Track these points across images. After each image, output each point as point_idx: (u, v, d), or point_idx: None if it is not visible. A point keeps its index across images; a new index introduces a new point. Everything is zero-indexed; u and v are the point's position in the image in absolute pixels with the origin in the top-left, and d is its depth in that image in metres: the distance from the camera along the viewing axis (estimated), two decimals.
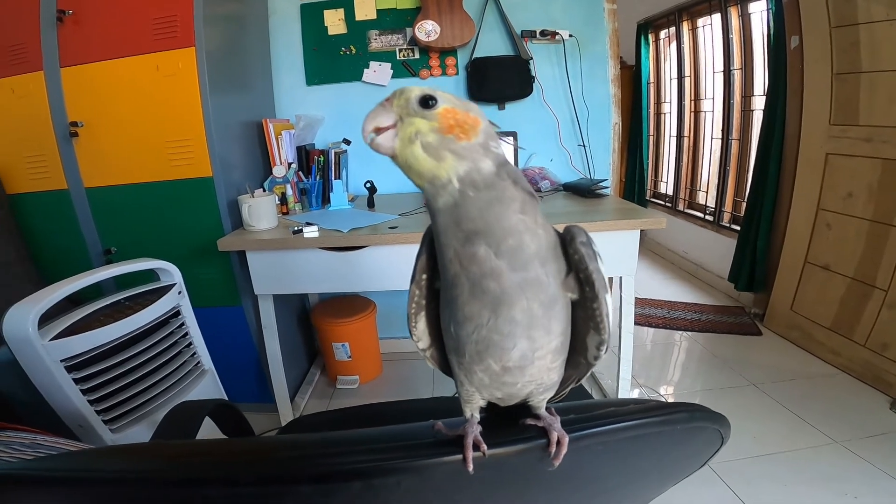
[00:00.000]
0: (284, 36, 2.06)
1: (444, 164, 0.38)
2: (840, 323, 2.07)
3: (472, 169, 0.38)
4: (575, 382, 0.52)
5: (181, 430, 0.78)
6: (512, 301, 0.40)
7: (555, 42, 2.03)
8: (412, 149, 0.39)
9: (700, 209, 3.35)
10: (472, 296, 0.41)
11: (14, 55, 1.55)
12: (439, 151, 0.38)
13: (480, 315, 0.41)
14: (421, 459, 0.39)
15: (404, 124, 0.39)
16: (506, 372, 0.43)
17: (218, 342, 1.49)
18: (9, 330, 0.98)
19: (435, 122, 0.39)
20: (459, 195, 0.39)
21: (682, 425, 0.45)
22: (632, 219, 1.48)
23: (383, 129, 0.39)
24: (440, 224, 0.40)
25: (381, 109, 0.40)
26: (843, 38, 1.95)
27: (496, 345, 0.42)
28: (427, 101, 0.39)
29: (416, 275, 0.48)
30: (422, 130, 0.39)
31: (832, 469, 1.49)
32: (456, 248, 0.40)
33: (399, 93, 0.40)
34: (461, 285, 0.41)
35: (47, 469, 0.40)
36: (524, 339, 0.42)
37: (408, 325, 0.50)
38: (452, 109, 0.39)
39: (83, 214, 1.65)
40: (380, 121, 0.39)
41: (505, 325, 0.41)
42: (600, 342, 0.46)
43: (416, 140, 0.38)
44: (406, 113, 0.39)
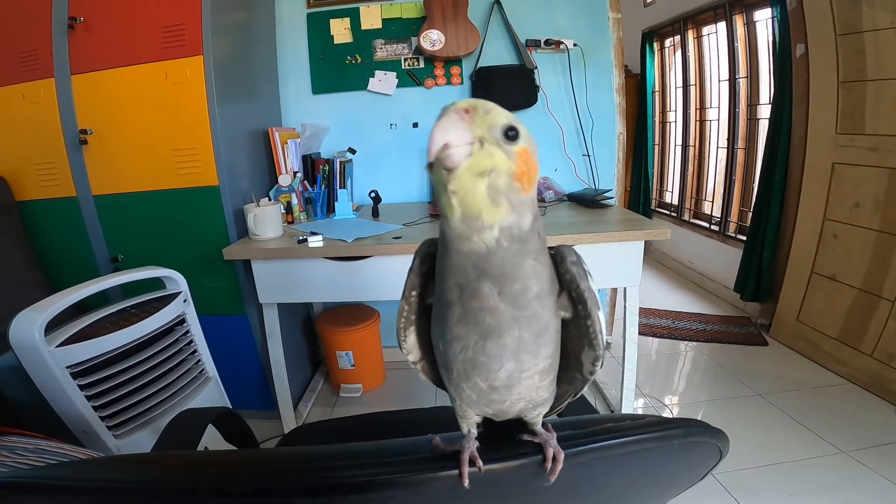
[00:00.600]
0: (291, 44, 2.08)
1: (498, 211, 0.35)
2: (847, 333, 2.05)
3: (515, 223, 0.36)
4: (572, 397, 0.52)
5: (184, 437, 0.79)
6: (502, 332, 0.40)
7: (559, 51, 2.04)
8: (477, 183, 0.34)
9: (706, 219, 3.33)
10: (464, 322, 0.40)
11: (25, 62, 1.57)
12: (499, 198, 0.35)
13: (468, 338, 0.40)
14: (417, 474, 0.39)
15: (483, 152, 0.34)
16: (493, 390, 0.43)
17: (222, 350, 1.50)
18: (15, 336, 0.99)
19: (512, 163, 0.35)
20: (494, 244, 0.36)
21: (679, 440, 0.45)
22: (636, 230, 1.48)
23: (458, 146, 0.33)
24: (452, 259, 0.38)
25: (457, 121, 0.34)
26: (848, 46, 1.95)
27: (482, 365, 0.41)
28: (509, 132, 0.35)
29: (406, 291, 0.48)
30: (498, 170, 0.34)
31: (839, 480, 1.48)
32: (459, 281, 0.39)
33: (483, 109, 0.35)
34: (453, 310, 0.40)
35: (49, 477, 0.40)
36: (511, 362, 0.41)
37: (397, 338, 0.50)
38: (527, 151, 0.35)
39: (91, 222, 1.67)
40: (455, 139, 0.33)
41: (493, 349, 0.40)
42: (595, 357, 0.46)
43: (487, 177, 0.34)
44: (489, 138, 0.34)
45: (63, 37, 1.54)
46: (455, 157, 0.33)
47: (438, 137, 0.33)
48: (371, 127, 2.14)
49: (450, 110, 0.34)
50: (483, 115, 0.34)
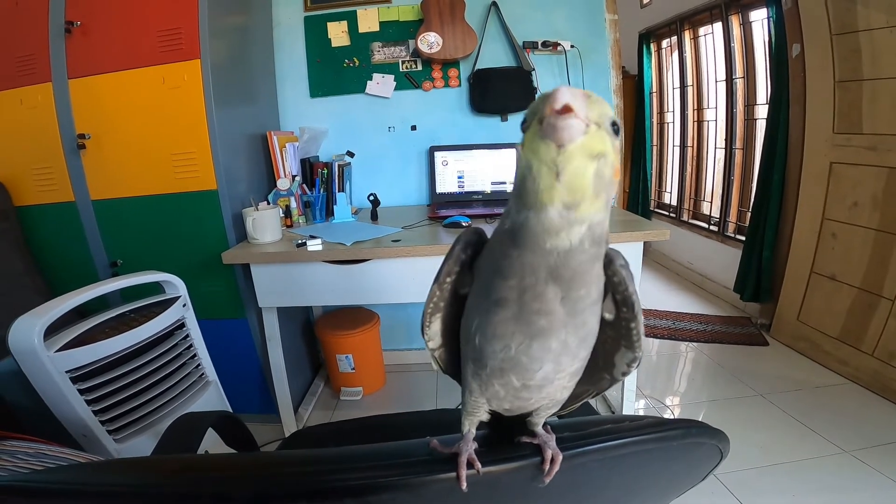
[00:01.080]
0: (288, 48, 2.08)
1: (596, 203, 0.33)
2: (847, 333, 2.05)
3: (601, 222, 0.35)
4: (590, 396, 0.52)
5: (184, 441, 0.78)
6: (551, 335, 0.39)
7: (556, 53, 2.04)
8: (588, 165, 0.32)
9: (704, 219, 3.33)
10: (514, 321, 0.39)
11: (23, 66, 1.57)
12: (601, 188, 0.33)
13: (513, 338, 0.40)
14: (415, 477, 0.39)
15: (597, 135, 0.32)
16: (525, 389, 0.43)
17: (222, 354, 1.49)
18: (15, 341, 0.99)
19: (615, 155, 0.34)
20: (577, 244, 0.34)
21: (678, 441, 0.45)
22: (635, 230, 1.48)
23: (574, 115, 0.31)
24: (523, 257, 0.36)
25: (580, 95, 0.32)
26: (843, 46, 1.95)
27: (522, 365, 0.41)
28: (616, 126, 0.34)
29: (440, 276, 0.46)
30: (608, 157, 0.33)
31: (841, 479, 1.48)
32: (525, 281, 0.37)
33: (596, 97, 0.33)
34: (506, 309, 0.39)
35: (47, 481, 0.40)
36: (551, 364, 0.41)
37: (421, 322, 0.48)
38: (618, 149, 0.35)
39: (90, 227, 1.67)
40: (578, 107, 0.31)
41: (538, 351, 0.40)
42: (633, 359, 0.45)
43: (596, 163, 0.32)
44: (601, 123, 0.33)
45: (60, 41, 1.53)
46: (573, 130, 0.31)
47: (563, 96, 0.30)
48: (369, 130, 2.14)
49: (565, 87, 0.31)
50: (597, 102, 0.33)
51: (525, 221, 0.34)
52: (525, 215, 0.34)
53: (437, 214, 1.78)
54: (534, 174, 0.32)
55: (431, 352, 0.51)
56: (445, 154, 2.04)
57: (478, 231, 0.45)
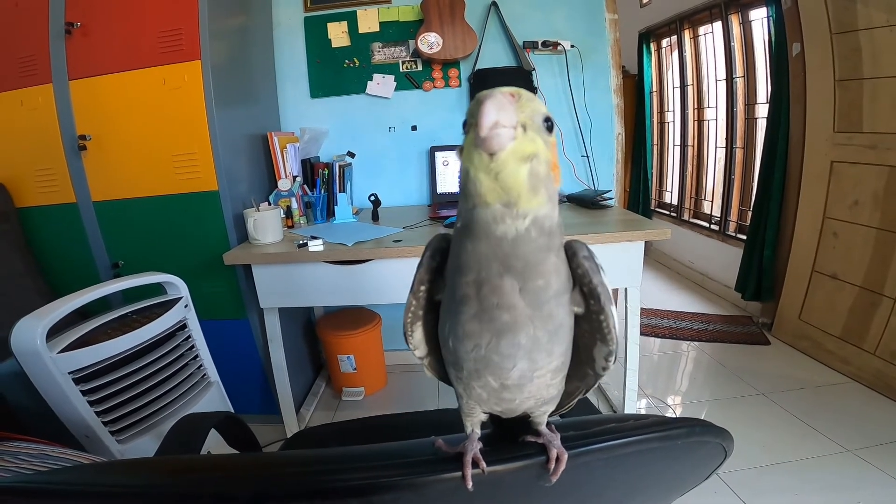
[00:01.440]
0: (289, 48, 2.08)
1: (536, 199, 0.35)
2: (849, 332, 2.05)
3: (548, 214, 0.37)
4: (582, 393, 0.52)
5: (187, 442, 0.78)
6: (518, 330, 0.39)
7: (557, 52, 2.04)
8: (520, 168, 0.34)
9: (705, 218, 3.33)
10: (478, 319, 0.40)
11: (23, 67, 1.57)
12: (539, 185, 0.35)
13: (481, 336, 0.40)
14: (420, 476, 0.39)
15: (526, 137, 0.34)
16: (504, 389, 0.43)
17: (224, 355, 1.49)
18: (17, 342, 0.99)
19: (549, 153, 0.36)
20: (524, 232, 0.36)
21: (682, 440, 0.45)
22: (636, 230, 1.48)
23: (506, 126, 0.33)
24: (477, 249, 0.37)
25: (507, 104, 0.33)
26: (843, 45, 1.95)
27: (495, 364, 0.41)
28: (549, 122, 0.36)
29: (414, 285, 0.47)
30: (540, 157, 0.35)
31: (844, 478, 1.47)
32: (480, 275, 0.38)
33: (527, 96, 0.35)
34: (468, 306, 0.40)
35: (51, 482, 0.40)
36: (525, 361, 0.41)
37: (404, 333, 0.49)
38: (554, 143, 0.36)
39: (91, 228, 1.67)
40: (504, 118, 0.33)
41: (507, 348, 0.40)
42: (608, 353, 0.45)
43: (529, 162, 0.34)
44: (531, 125, 0.35)
45: (60, 42, 1.53)
46: (502, 139, 0.33)
47: (490, 115, 0.32)
48: (370, 130, 2.14)
49: (495, 93, 0.33)
50: (527, 101, 0.35)
51: (474, 215, 0.36)
52: (473, 211, 0.36)
53: (438, 214, 1.78)
54: (472, 179, 0.35)
55: (420, 360, 0.52)
56: (446, 154, 2.04)
57: (445, 237, 0.45)
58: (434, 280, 0.47)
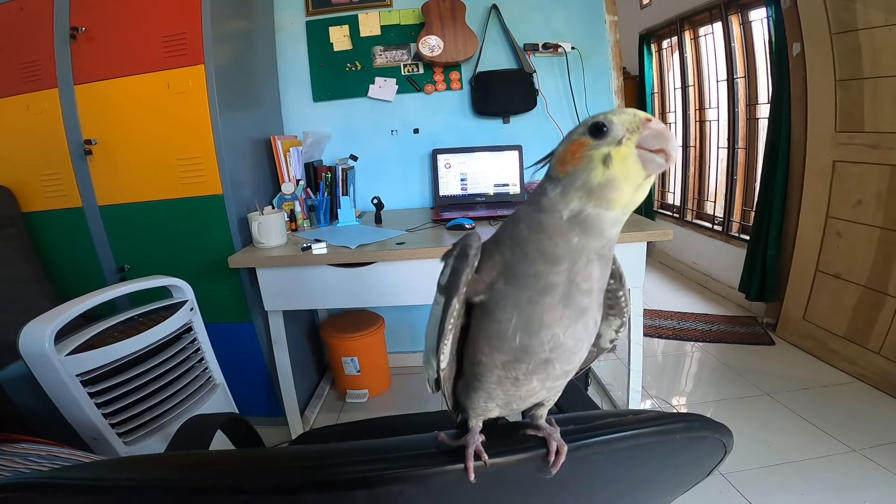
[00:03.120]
0: (291, 52, 2.10)
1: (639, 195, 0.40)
2: (854, 331, 2.04)
3: None
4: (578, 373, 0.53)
5: (194, 443, 0.79)
6: (588, 313, 0.43)
7: (557, 55, 2.05)
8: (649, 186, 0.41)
9: (708, 219, 3.33)
10: (563, 305, 0.42)
11: (29, 72, 1.58)
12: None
13: (560, 323, 0.42)
14: (423, 469, 0.40)
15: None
16: (564, 374, 0.46)
17: (229, 357, 1.51)
18: (25, 345, 1.00)
19: None
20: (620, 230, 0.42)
21: (681, 434, 0.45)
22: (638, 231, 1.48)
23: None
24: (585, 243, 0.40)
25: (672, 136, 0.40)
26: (843, 45, 1.95)
27: (569, 349, 0.44)
28: None
29: (458, 287, 0.43)
30: None
31: (850, 478, 1.47)
32: (576, 265, 0.41)
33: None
34: (553, 294, 0.41)
35: (63, 478, 0.41)
36: (586, 343, 0.45)
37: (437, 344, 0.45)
38: None
39: (97, 232, 1.68)
40: (671, 151, 0.39)
41: (581, 332, 0.44)
42: (621, 324, 0.50)
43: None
44: None
45: (65, 47, 1.55)
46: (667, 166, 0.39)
47: (673, 146, 0.38)
48: (372, 133, 2.16)
49: (658, 121, 0.39)
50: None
51: (596, 214, 0.39)
52: (593, 210, 0.39)
53: (440, 217, 1.79)
54: (619, 187, 0.39)
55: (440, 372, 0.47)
56: (448, 157, 2.05)
57: (478, 235, 0.46)
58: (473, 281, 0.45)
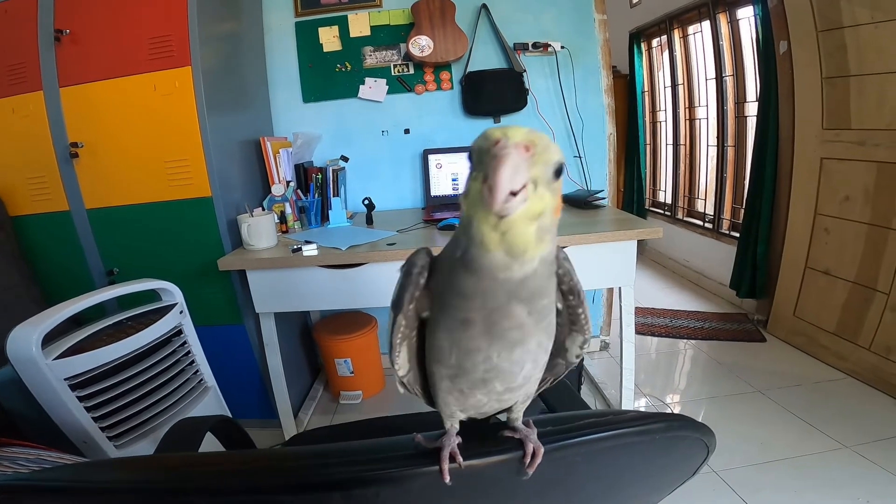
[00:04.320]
0: (280, 53, 2.09)
1: (541, 246, 0.35)
2: (844, 327, 2.06)
3: (551, 251, 0.38)
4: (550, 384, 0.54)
5: (183, 445, 0.79)
6: (526, 341, 0.42)
7: (547, 54, 2.06)
8: (528, 227, 0.34)
9: (699, 217, 3.35)
10: (486, 336, 0.40)
11: (14, 75, 1.57)
12: (545, 235, 0.35)
13: (490, 349, 0.41)
14: (399, 470, 0.40)
15: (536, 196, 0.33)
16: (508, 391, 0.45)
17: (221, 359, 1.50)
18: (13, 350, 1.00)
19: (556, 200, 0.35)
20: (531, 273, 0.36)
21: (660, 434, 0.46)
22: (628, 229, 1.49)
23: (517, 191, 0.32)
24: (480, 285, 0.37)
25: (520, 164, 0.32)
26: (829, 42, 1.97)
27: (506, 371, 0.43)
28: (560, 169, 0.35)
29: (402, 304, 0.44)
30: (547, 211, 0.34)
31: (843, 474, 1.48)
32: (487, 304, 0.38)
33: (542, 146, 0.33)
34: (474, 327, 0.40)
35: (47, 479, 0.41)
36: (530, 364, 0.44)
37: (390, 354, 0.47)
38: (560, 186, 0.36)
39: (85, 236, 1.67)
40: (517, 181, 0.31)
41: (519, 356, 0.42)
42: (583, 341, 0.49)
43: (537, 220, 0.34)
44: (541, 178, 0.33)
45: (50, 49, 1.53)
46: (513, 207, 0.32)
47: (504, 186, 0.31)
48: (363, 134, 2.15)
49: (509, 147, 0.31)
50: (542, 152, 0.33)
51: (476, 257, 0.35)
52: (475, 251, 0.35)
53: (432, 217, 1.79)
54: (476, 229, 0.34)
55: (400, 378, 0.50)
56: (439, 157, 2.05)
57: (428, 252, 0.45)
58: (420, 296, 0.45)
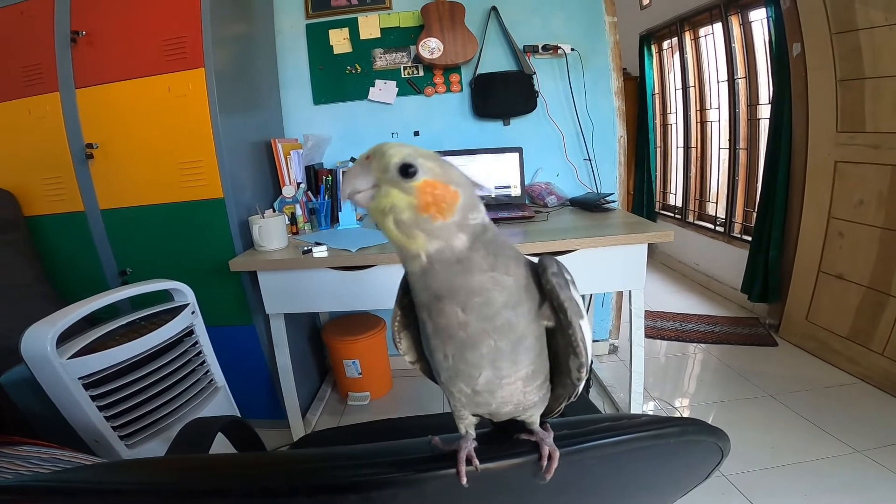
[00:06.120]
0: (291, 55, 2.10)
1: (416, 241, 0.38)
2: (857, 332, 2.03)
3: (443, 247, 0.38)
4: (567, 400, 0.52)
5: (195, 446, 0.80)
6: (477, 344, 0.41)
7: (557, 56, 2.05)
8: (384, 221, 0.38)
9: (710, 220, 3.32)
10: (440, 336, 0.42)
11: (30, 76, 1.59)
12: (411, 230, 0.37)
13: (446, 349, 0.42)
14: (417, 473, 0.40)
15: (381, 193, 0.38)
16: (476, 394, 0.45)
17: (231, 360, 1.51)
18: (28, 349, 1.01)
19: (412, 198, 0.37)
20: (427, 266, 0.38)
21: (675, 439, 0.45)
22: (639, 233, 1.48)
23: (361, 191, 0.38)
24: (410, 279, 0.41)
25: (360, 170, 0.38)
26: (843, 45, 1.95)
27: (464, 373, 0.43)
28: (406, 169, 0.37)
29: (398, 295, 0.49)
30: (397, 206, 0.37)
31: (854, 479, 1.46)
32: (423, 301, 0.41)
33: (379, 154, 0.38)
34: (426, 325, 0.42)
35: (63, 481, 0.41)
36: (489, 370, 0.43)
37: (394, 341, 0.52)
38: (432, 183, 0.37)
39: (99, 236, 1.69)
40: (357, 184, 0.38)
41: (472, 358, 0.42)
42: (580, 365, 0.46)
43: (390, 214, 0.37)
44: (384, 179, 0.38)
45: (66, 50, 1.55)
46: (359, 201, 0.39)
47: (346, 187, 0.39)
48: (372, 136, 2.16)
49: (358, 159, 0.39)
50: (378, 159, 0.38)
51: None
52: None
53: None
54: None
55: (412, 364, 0.54)
56: (449, 159, 2.04)
57: None
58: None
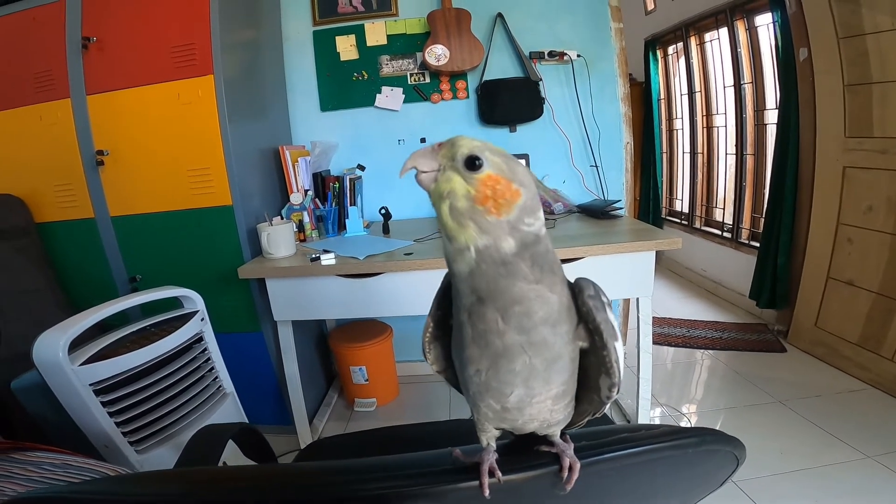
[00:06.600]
0: (298, 62, 2.12)
1: (465, 231, 0.38)
2: (867, 338, 2.02)
3: (490, 245, 0.38)
4: (591, 416, 0.52)
5: (206, 452, 0.80)
6: (512, 357, 0.41)
7: (563, 62, 2.06)
8: (441, 205, 0.39)
9: (717, 226, 3.31)
10: (476, 344, 0.42)
11: (41, 82, 1.60)
12: (463, 219, 0.38)
13: (480, 362, 0.42)
14: (439, 486, 0.40)
15: (443, 177, 0.39)
16: (505, 411, 0.45)
17: (239, 366, 1.51)
18: (39, 355, 1.02)
19: (472, 188, 0.38)
20: (475, 266, 0.38)
21: (693, 449, 0.45)
22: (646, 240, 1.47)
23: (423, 171, 0.40)
24: (455, 281, 0.41)
25: (427, 152, 0.40)
26: (851, 49, 1.94)
27: (494, 389, 0.43)
28: (473, 161, 0.38)
29: (432, 308, 0.50)
30: (456, 193, 0.38)
31: (864, 485, 1.45)
32: (466, 303, 0.41)
33: (451, 143, 0.39)
34: (465, 331, 0.42)
35: (79, 492, 0.42)
36: (522, 388, 0.42)
37: (423, 351, 0.52)
38: (496, 177, 0.38)
39: (109, 243, 1.70)
40: (420, 163, 0.39)
41: (505, 375, 0.42)
42: (611, 385, 0.46)
43: (447, 200, 0.38)
44: (449, 165, 0.39)
45: (77, 57, 1.56)
46: (422, 181, 0.40)
47: (408, 162, 0.40)
48: (379, 143, 2.17)
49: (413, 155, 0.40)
50: (449, 147, 0.39)
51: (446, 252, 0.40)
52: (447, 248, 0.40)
53: None
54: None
55: (438, 373, 0.55)
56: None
57: None
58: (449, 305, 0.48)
